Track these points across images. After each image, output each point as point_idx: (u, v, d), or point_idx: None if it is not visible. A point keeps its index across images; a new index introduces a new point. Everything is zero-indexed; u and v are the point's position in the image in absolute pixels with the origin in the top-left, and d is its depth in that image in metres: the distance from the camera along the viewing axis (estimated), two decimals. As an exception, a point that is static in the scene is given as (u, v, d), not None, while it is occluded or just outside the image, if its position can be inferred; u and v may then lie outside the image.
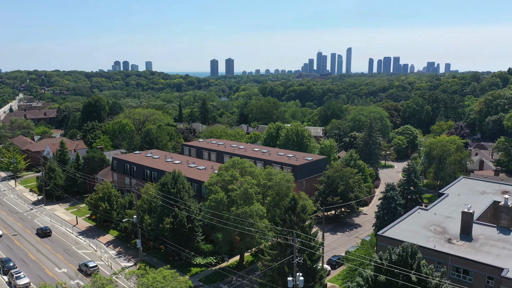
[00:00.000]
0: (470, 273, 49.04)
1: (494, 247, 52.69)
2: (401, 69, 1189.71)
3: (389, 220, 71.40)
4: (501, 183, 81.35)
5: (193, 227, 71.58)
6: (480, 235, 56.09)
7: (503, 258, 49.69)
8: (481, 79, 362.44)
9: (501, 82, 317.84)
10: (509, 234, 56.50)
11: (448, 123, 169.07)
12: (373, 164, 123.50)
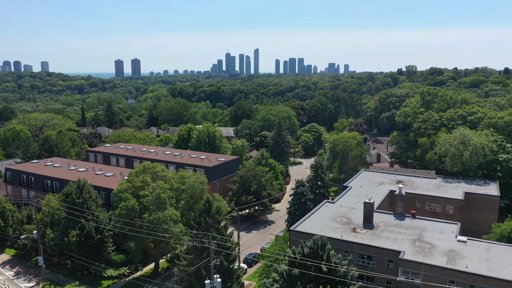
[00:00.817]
0: (373, 258, 53.38)
1: (392, 233, 58.02)
2: (305, 69, 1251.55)
3: (300, 215, 74.70)
4: (396, 174, 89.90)
5: (103, 237, 67.63)
6: (380, 223, 61.34)
7: (399, 242, 54.95)
8: (375, 79, 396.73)
9: (392, 81, 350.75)
10: (404, 219, 62.66)
11: (349, 120, 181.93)
12: (283, 162, 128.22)
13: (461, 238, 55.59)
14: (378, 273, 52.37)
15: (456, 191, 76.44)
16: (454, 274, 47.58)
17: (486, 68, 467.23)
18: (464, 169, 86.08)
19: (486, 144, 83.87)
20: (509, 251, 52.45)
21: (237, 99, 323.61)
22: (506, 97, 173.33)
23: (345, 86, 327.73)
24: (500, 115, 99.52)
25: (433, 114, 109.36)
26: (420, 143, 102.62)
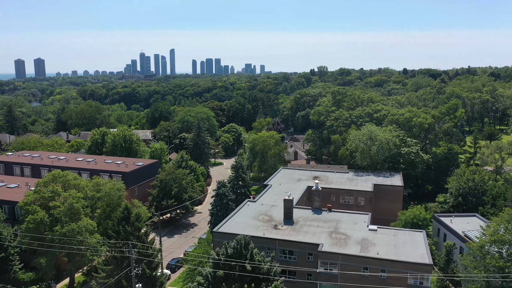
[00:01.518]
0: (294, 252, 55.41)
1: (311, 227, 60.74)
2: (222, 70, 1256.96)
3: (222, 215, 74.92)
4: (312, 170, 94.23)
5: (8, 255, 61.53)
6: (299, 218, 63.86)
7: (318, 235, 57.71)
8: (290, 79, 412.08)
9: (305, 81, 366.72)
10: (321, 213, 65.92)
11: (267, 120, 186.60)
12: (204, 163, 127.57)
13: (372, 227, 60.00)
14: (299, 267, 54.49)
15: (366, 183, 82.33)
16: (367, 261, 51.25)
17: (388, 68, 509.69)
18: (372, 163, 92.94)
19: (390, 139, 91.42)
20: (413, 236, 57.82)
21: (153, 101, 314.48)
22: (405, 95, 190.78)
23: (262, 86, 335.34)
24: (401, 112, 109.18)
25: (344, 112, 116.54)
26: (333, 140, 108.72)
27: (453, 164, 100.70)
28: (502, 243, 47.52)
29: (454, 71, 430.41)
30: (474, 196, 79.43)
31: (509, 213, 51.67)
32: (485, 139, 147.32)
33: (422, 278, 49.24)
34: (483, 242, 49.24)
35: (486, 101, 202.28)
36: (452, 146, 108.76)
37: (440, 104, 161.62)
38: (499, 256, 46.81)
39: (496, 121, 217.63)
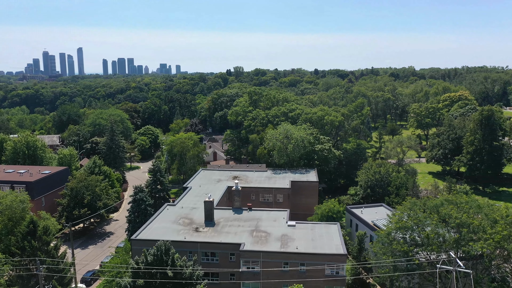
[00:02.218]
0: (216, 254, 55.25)
1: (232, 227, 61.07)
2: (136, 70, 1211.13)
3: (141, 222, 72.17)
4: (232, 170, 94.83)
5: None
6: (221, 219, 63.84)
7: (239, 235, 58.21)
8: (207, 79, 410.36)
9: (222, 82, 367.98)
10: (242, 213, 66.60)
11: (184, 121, 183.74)
12: (119, 168, 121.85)
13: (291, 223, 62.08)
14: (222, 268, 54.48)
15: (284, 181, 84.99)
16: (287, 256, 52.90)
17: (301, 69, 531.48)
18: (289, 160, 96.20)
19: (305, 137, 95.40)
20: (328, 228, 60.94)
21: (60, 103, 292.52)
22: (317, 94, 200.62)
23: (178, 87, 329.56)
24: (313, 111, 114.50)
25: (260, 112, 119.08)
26: (251, 139, 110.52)
27: (362, 158, 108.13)
28: (405, 229, 52.09)
29: (360, 72, 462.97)
30: (380, 187, 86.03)
31: (410, 201, 56.87)
32: (388, 135, 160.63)
33: (338, 268, 52.11)
34: (389, 229, 53.51)
35: (388, 99, 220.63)
36: (360, 142, 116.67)
37: (348, 103, 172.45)
38: (403, 241, 51.24)
39: (397, 117, 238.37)
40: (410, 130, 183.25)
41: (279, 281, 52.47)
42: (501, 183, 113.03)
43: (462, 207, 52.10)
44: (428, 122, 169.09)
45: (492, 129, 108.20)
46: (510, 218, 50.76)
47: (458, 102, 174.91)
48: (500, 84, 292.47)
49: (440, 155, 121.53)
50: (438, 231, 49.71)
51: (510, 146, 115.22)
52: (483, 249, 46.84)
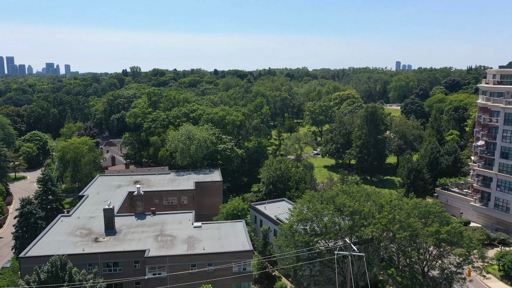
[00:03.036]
0: (119, 263, 52.50)
1: (136, 233, 58.58)
2: (17, 70, 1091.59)
3: (31, 237, 65.52)
4: (133, 174, 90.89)
5: None
6: (122, 226, 60.81)
7: (144, 241, 56.10)
8: (101, 80, 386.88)
9: (118, 82, 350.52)
10: (145, 218, 64.27)
11: (77, 125, 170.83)
12: (1, 179, 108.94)
13: (197, 224, 61.66)
14: (126, 278, 51.96)
15: (188, 182, 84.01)
16: (194, 258, 52.44)
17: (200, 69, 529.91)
18: (192, 161, 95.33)
19: (207, 137, 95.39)
20: (234, 226, 61.83)
21: None
22: (218, 94, 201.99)
23: (68, 88, 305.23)
24: (215, 111, 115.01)
25: (161, 113, 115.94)
26: (152, 141, 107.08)
27: (263, 156, 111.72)
28: (306, 221, 55.16)
29: (258, 72, 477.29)
30: (281, 183, 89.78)
31: (309, 194, 60.34)
32: (287, 132, 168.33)
33: (245, 264, 53.18)
34: (291, 222, 56.18)
35: (285, 99, 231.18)
36: (261, 140, 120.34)
37: (248, 102, 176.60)
38: (304, 233, 54.21)
39: (294, 115, 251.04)
40: (306, 127, 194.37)
41: (188, 284, 51.82)
42: (385, 172, 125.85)
43: (354, 196, 56.90)
44: (321, 119, 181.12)
45: (376, 124, 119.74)
46: (394, 203, 56.81)
47: (347, 100, 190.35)
48: (381, 83, 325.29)
49: (333, 150, 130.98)
50: (335, 220, 53.56)
51: (391, 139, 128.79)
52: (373, 233, 51.67)
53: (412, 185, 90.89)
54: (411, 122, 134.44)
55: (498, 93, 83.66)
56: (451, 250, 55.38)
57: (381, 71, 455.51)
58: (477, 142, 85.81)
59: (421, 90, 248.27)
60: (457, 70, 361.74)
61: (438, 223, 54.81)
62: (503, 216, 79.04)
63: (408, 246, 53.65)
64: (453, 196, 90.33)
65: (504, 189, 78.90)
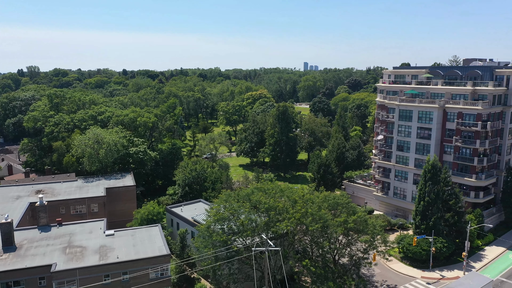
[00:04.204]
0: (21, 282, 47.90)
1: (40, 247, 53.89)
2: None
3: None
4: (34, 184, 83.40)
5: None
6: (24, 241, 55.56)
7: (49, 255, 51.83)
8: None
9: (13, 83, 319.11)
10: (50, 230, 59.43)
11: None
12: None
13: (109, 232, 58.60)
14: (30, 296, 47.58)
15: (98, 188, 79.42)
16: (108, 268, 49.74)
17: (108, 69, 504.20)
18: (102, 167, 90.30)
19: (118, 141, 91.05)
20: (149, 231, 59.93)
21: None
22: (128, 96, 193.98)
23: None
24: (125, 112, 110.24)
25: (64, 116, 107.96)
26: (55, 147, 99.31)
27: (178, 157, 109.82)
28: (223, 220, 55.45)
29: (170, 72, 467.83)
30: (198, 184, 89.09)
31: (225, 194, 60.77)
32: (201, 132, 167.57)
33: (162, 269, 51.82)
34: (208, 223, 56.06)
35: (198, 99, 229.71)
36: (175, 141, 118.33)
37: (160, 103, 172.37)
38: (222, 232, 54.46)
39: (208, 116, 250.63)
40: (220, 127, 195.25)
41: (101, 296, 49.02)
42: (297, 168, 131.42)
43: (269, 193, 58.57)
44: (235, 119, 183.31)
45: (287, 123, 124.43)
46: (306, 197, 59.64)
47: (259, 99, 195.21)
48: (290, 83, 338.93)
49: (247, 149, 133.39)
50: (251, 217, 54.61)
51: (302, 136, 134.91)
52: (288, 227, 53.69)
53: (322, 179, 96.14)
54: (319, 120, 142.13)
55: (393, 92, 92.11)
56: (358, 238, 59.79)
57: (290, 71, 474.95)
58: (377, 137, 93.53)
59: (327, 90, 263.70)
60: (358, 71, 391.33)
61: (345, 213, 58.86)
62: (401, 203, 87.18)
63: (320, 237, 56.72)
64: (358, 187, 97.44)
65: (401, 179, 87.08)
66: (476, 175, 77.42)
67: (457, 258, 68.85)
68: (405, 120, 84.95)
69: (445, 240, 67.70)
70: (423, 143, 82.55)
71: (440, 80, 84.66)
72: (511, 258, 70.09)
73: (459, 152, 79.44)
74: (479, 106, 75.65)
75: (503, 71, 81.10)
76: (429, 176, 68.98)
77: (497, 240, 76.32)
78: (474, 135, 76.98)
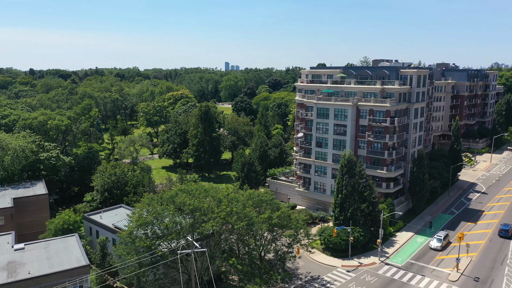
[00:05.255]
0: None
1: None
2: None
3: None
4: None
5: None
6: None
7: None
8: None
9: None
10: None
11: None
12: None
13: (18, 246, 53.72)
14: None
15: (4, 199, 72.25)
16: (17, 285, 45.52)
17: (12, 69, 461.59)
18: (8, 175, 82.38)
19: (25, 146, 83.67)
20: (65, 242, 56.00)
21: None
22: (36, 97, 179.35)
23: None
24: (33, 115, 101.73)
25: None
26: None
27: (95, 162, 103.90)
28: (146, 224, 53.58)
29: (84, 72, 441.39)
30: (118, 189, 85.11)
31: (148, 197, 58.84)
32: (120, 135, 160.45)
33: (81, 281, 48.70)
34: (131, 228, 53.80)
35: (116, 100, 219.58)
36: (92, 145, 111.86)
37: (74, 105, 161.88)
38: (145, 237, 52.61)
39: (127, 117, 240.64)
40: (141, 129, 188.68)
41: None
42: (221, 168, 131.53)
43: (193, 193, 57.81)
44: (156, 120, 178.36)
45: (210, 123, 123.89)
46: (231, 196, 59.90)
47: (181, 100, 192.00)
48: (212, 83, 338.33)
49: (170, 150, 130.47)
50: (176, 220, 53.48)
51: (225, 136, 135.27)
52: (213, 227, 53.46)
53: (246, 177, 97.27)
54: (242, 119, 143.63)
55: (311, 91, 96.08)
56: (282, 233, 61.46)
57: (212, 71, 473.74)
58: (298, 134, 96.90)
59: (249, 89, 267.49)
60: (278, 71, 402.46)
61: (270, 210, 60.16)
62: (321, 197, 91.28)
63: (246, 234, 57.32)
64: (281, 184, 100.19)
65: (320, 174, 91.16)
66: (386, 167, 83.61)
67: (373, 245, 73.81)
68: (323, 118, 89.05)
69: (361, 229, 72.21)
70: (339, 139, 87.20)
71: (353, 79, 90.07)
72: (418, 242, 76.85)
73: (371, 146, 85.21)
74: (387, 103, 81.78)
75: (407, 71, 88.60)
76: (346, 170, 73.08)
77: (406, 226, 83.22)
78: (384, 131, 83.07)
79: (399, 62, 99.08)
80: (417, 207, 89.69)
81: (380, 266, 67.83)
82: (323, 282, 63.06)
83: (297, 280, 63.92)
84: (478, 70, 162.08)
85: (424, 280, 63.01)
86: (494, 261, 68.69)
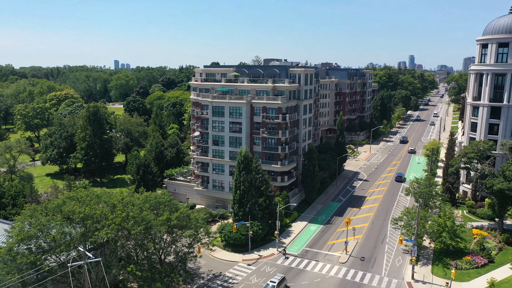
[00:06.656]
0: None
1: None
2: None
3: None
4: None
5: None
6: None
7: None
8: None
9: None
10: None
11: None
12: None
13: None
14: None
15: None
16: None
17: None
18: None
19: None
20: None
21: None
22: None
23: None
24: None
25: None
26: None
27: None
28: (29, 238, 48.31)
29: None
30: (-8, 202, 75.44)
31: (30, 209, 53.10)
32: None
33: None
34: (10, 244, 48.03)
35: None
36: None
37: None
38: (29, 252, 47.43)
39: (1, 121, 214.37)
40: (19, 133, 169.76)
41: None
42: (114, 171, 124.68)
43: (83, 200, 53.76)
44: (37, 123, 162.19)
45: (100, 124, 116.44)
46: (126, 200, 57.09)
47: (65, 100, 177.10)
48: (101, 82, 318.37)
49: (55, 155, 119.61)
50: (64, 230, 49.20)
51: (118, 137, 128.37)
52: (108, 235, 50.35)
53: (142, 180, 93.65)
54: (135, 119, 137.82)
55: (206, 89, 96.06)
56: (182, 234, 60.50)
57: (100, 69, 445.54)
58: (194, 133, 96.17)
59: (141, 88, 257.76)
60: (172, 69, 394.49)
61: (168, 211, 58.74)
62: (220, 194, 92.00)
63: (144, 239, 55.20)
64: (179, 184, 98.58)
65: (218, 172, 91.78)
66: (280, 161, 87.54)
67: (271, 237, 76.78)
68: (218, 116, 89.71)
69: (260, 223, 74.57)
70: (235, 136, 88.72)
71: (246, 78, 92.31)
72: (312, 230, 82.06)
73: (266, 142, 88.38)
74: (279, 101, 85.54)
75: (295, 70, 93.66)
76: (243, 166, 74.71)
77: (300, 216, 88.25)
78: (276, 127, 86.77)
79: (288, 62, 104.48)
80: (310, 197, 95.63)
81: (278, 256, 70.85)
82: (225, 278, 63.71)
83: (199, 279, 63.61)
84: (357, 70, 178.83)
85: (318, 265, 67.53)
86: (376, 241, 76.50)
